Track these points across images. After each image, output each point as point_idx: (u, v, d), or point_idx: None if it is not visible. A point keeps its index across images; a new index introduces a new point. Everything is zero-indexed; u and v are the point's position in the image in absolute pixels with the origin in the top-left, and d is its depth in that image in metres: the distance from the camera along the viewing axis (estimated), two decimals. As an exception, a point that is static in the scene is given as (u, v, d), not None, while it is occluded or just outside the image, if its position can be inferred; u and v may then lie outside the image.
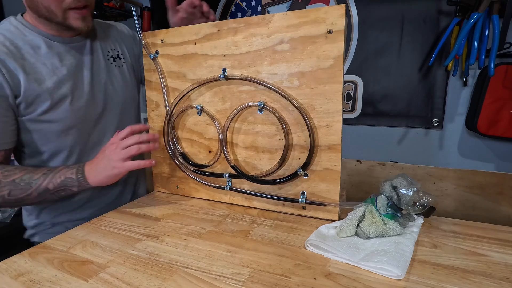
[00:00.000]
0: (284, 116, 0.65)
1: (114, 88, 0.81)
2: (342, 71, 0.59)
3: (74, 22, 0.68)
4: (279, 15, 0.62)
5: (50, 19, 0.68)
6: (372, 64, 1.43)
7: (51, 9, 0.65)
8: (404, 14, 1.34)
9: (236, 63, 0.68)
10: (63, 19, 0.67)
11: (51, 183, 0.65)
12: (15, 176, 0.64)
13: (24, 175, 0.65)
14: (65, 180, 0.65)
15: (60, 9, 0.66)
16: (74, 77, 0.73)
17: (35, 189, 0.64)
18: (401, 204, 0.57)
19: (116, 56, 0.84)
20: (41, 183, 0.65)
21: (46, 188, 0.65)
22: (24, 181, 0.64)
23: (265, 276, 0.46)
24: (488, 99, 1.20)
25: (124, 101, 0.84)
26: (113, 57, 0.83)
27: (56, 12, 0.66)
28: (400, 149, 1.44)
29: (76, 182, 0.66)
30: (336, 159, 0.62)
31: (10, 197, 0.64)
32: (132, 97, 0.87)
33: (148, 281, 0.45)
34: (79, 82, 0.74)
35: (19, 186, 0.64)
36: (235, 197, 0.75)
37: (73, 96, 0.72)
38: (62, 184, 0.65)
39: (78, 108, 0.73)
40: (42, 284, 0.45)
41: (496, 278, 0.44)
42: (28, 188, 0.64)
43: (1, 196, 0.64)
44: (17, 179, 0.64)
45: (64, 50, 0.73)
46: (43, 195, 0.65)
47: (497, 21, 1.04)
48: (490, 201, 0.84)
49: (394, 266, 0.45)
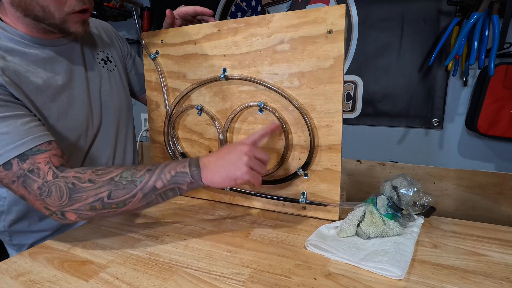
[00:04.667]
0: (284, 116, 0.65)
1: (109, 95, 0.74)
2: (342, 71, 0.59)
3: (73, 26, 0.61)
4: (279, 15, 0.62)
5: (43, 20, 0.58)
6: (372, 64, 1.43)
7: (49, 10, 0.57)
8: (404, 14, 1.34)
9: (236, 63, 0.68)
10: (61, 22, 0.59)
11: (159, 180, 0.53)
12: (112, 174, 0.53)
13: (124, 171, 0.53)
14: (177, 176, 0.53)
15: (60, 11, 0.58)
16: (69, 86, 0.65)
17: (140, 188, 0.52)
18: (402, 204, 0.57)
19: (107, 59, 0.76)
20: (147, 180, 0.52)
21: (154, 187, 0.52)
22: (126, 178, 0.52)
23: (266, 276, 0.46)
24: (488, 99, 1.20)
25: (120, 109, 0.77)
26: (104, 60, 0.75)
27: (54, 13, 0.57)
28: (400, 149, 1.44)
29: (189, 178, 0.53)
30: (336, 159, 0.62)
31: (110, 200, 0.52)
32: (127, 104, 0.82)
33: (148, 281, 0.45)
34: (74, 92, 0.66)
35: (120, 185, 0.52)
36: (235, 197, 0.75)
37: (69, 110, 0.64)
38: (173, 181, 0.53)
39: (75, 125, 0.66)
40: (42, 284, 0.45)
41: (497, 278, 0.44)
42: (133, 188, 0.52)
43: (99, 200, 0.51)
44: (116, 177, 0.52)
45: (53, 54, 0.64)
46: (148, 197, 0.53)
47: (497, 21, 1.04)
48: (490, 201, 0.84)
49: (394, 266, 0.45)
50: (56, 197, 0.51)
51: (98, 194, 0.51)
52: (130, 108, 0.83)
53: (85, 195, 0.51)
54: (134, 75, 0.87)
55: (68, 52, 0.67)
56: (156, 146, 0.84)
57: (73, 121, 0.65)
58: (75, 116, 0.66)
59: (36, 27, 0.60)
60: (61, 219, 0.53)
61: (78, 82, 0.68)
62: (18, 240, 0.72)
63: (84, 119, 0.68)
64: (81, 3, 0.59)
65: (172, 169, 0.54)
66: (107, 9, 1.73)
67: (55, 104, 0.62)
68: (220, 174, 0.54)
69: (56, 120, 0.62)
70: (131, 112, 0.84)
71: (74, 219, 0.53)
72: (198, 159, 0.55)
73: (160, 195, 0.54)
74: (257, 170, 0.55)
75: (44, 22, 0.59)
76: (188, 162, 0.55)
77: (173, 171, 0.53)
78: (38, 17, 0.58)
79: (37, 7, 0.56)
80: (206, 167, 0.54)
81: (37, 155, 0.52)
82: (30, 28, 0.60)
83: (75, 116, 0.66)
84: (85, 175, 0.52)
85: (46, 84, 0.61)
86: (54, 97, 0.62)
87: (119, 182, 0.52)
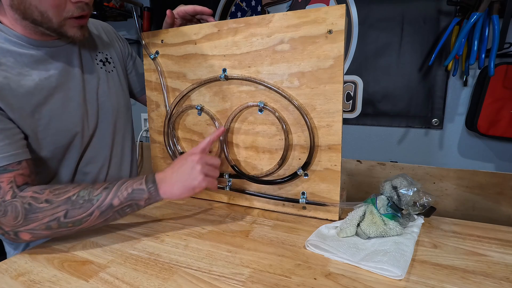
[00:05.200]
0: (284, 116, 0.65)
1: (107, 97, 0.73)
2: (342, 71, 0.59)
3: (71, 31, 0.60)
4: (279, 15, 0.62)
5: (41, 24, 0.58)
6: (372, 64, 1.43)
7: (48, 15, 0.56)
8: (404, 14, 1.34)
9: (236, 63, 0.68)
10: (58, 26, 0.58)
11: (116, 198, 0.54)
12: (69, 193, 0.53)
13: (81, 190, 0.54)
14: (133, 193, 0.55)
15: (59, 16, 0.57)
16: (63, 88, 0.65)
17: (97, 206, 0.53)
18: (401, 204, 0.57)
19: (105, 60, 0.76)
20: (104, 198, 0.54)
21: (111, 205, 0.54)
22: (82, 197, 0.53)
23: (265, 276, 0.46)
24: (488, 99, 1.20)
25: (117, 110, 0.76)
26: (102, 61, 0.75)
27: (52, 18, 0.57)
28: (400, 149, 1.44)
29: (146, 194, 0.55)
30: (336, 159, 0.62)
31: (66, 219, 0.52)
32: (126, 105, 0.81)
33: (148, 281, 0.45)
34: (69, 93, 0.66)
35: (77, 204, 0.53)
36: (235, 197, 0.75)
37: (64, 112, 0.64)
38: (130, 198, 0.55)
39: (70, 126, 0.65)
40: (42, 284, 0.45)
41: (497, 278, 0.44)
42: (89, 206, 0.53)
43: (56, 219, 0.52)
44: (73, 197, 0.53)
45: (49, 56, 0.64)
46: (105, 214, 0.54)
47: (497, 21, 1.04)
48: (490, 201, 0.84)
49: (394, 266, 0.45)
50: (11, 217, 0.52)
51: (55, 214, 0.52)
52: (128, 109, 0.82)
53: (41, 215, 0.52)
54: (134, 76, 0.86)
55: (64, 53, 0.66)
56: (156, 146, 0.84)
57: (67, 122, 0.65)
58: (69, 117, 0.65)
59: (34, 29, 0.60)
60: (14, 239, 0.54)
61: (73, 83, 0.67)
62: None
63: (79, 120, 0.67)
64: (80, 10, 0.58)
65: (129, 186, 0.55)
66: (107, 9, 1.73)
67: (48, 106, 0.62)
68: (177, 187, 0.56)
69: (49, 121, 0.62)
70: (130, 113, 0.84)
71: (28, 238, 0.53)
72: (154, 174, 0.58)
73: (118, 211, 0.55)
74: (211, 175, 0.59)
75: (42, 26, 0.58)
76: (144, 178, 0.57)
77: (130, 188, 0.55)
78: (36, 21, 0.58)
79: (36, 11, 0.56)
80: (163, 181, 0.56)
81: (3, 174, 0.53)
82: (28, 30, 0.60)
83: (70, 117, 0.65)
84: (43, 195, 0.53)
85: (39, 86, 0.61)
86: (46, 99, 0.62)
87: (76, 202, 0.53)
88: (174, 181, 0.57)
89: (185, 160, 0.58)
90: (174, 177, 0.57)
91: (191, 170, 0.57)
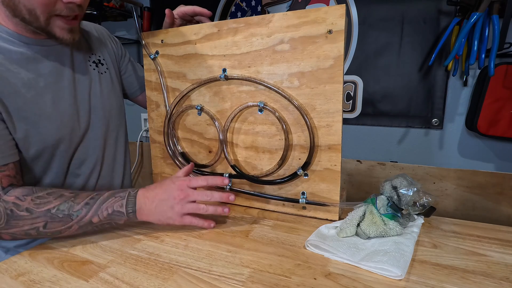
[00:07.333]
0: (284, 116, 0.65)
1: (99, 98, 0.73)
2: (342, 71, 0.59)
3: (59, 32, 0.59)
4: (279, 15, 0.62)
5: (30, 23, 0.57)
6: (372, 64, 1.43)
7: (35, 13, 0.55)
8: (404, 14, 1.34)
9: (236, 63, 0.68)
10: (45, 24, 0.57)
11: (96, 217, 0.56)
12: (50, 205, 0.54)
13: (62, 204, 0.55)
14: (113, 214, 0.57)
15: (46, 13, 0.56)
16: (53, 88, 0.64)
17: (76, 221, 0.55)
18: (401, 204, 0.57)
19: (98, 62, 0.75)
20: (83, 215, 0.55)
21: (90, 222, 0.56)
22: (62, 212, 0.54)
23: (265, 276, 0.46)
24: (488, 99, 1.20)
25: (110, 112, 0.76)
26: (95, 63, 0.74)
27: (39, 16, 0.56)
28: (400, 149, 1.44)
29: (125, 217, 0.57)
30: (336, 159, 0.62)
31: (45, 230, 0.54)
32: (119, 107, 0.80)
33: (148, 281, 0.45)
34: (60, 93, 0.65)
35: (56, 218, 0.54)
36: (236, 197, 0.75)
37: (53, 112, 0.63)
38: (109, 218, 0.57)
39: (59, 126, 0.64)
40: (42, 284, 0.45)
41: (496, 278, 0.44)
42: (69, 221, 0.55)
43: (34, 229, 0.53)
44: (53, 209, 0.54)
45: (40, 55, 0.63)
46: (84, 228, 0.56)
47: (497, 21, 1.04)
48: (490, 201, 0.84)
49: (394, 266, 0.45)
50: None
51: (34, 224, 0.54)
52: (122, 111, 0.82)
53: (21, 223, 0.53)
54: (128, 77, 0.86)
55: (56, 53, 0.66)
56: (156, 146, 0.84)
57: (56, 122, 0.64)
58: (59, 117, 0.65)
59: (25, 27, 0.60)
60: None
61: (64, 83, 0.66)
62: (4, 243, 0.71)
63: (69, 120, 0.66)
64: (70, 10, 0.58)
65: (110, 206, 0.57)
66: (107, 9, 1.73)
67: (37, 105, 0.61)
68: (153, 219, 0.58)
69: (38, 121, 0.61)
70: (123, 114, 0.83)
71: (8, 239, 0.56)
72: (136, 197, 0.58)
73: (97, 226, 0.58)
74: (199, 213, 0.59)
75: (31, 24, 0.58)
76: (126, 200, 0.58)
77: (110, 209, 0.57)
78: (25, 19, 0.57)
79: (24, 9, 0.55)
80: (142, 209, 0.58)
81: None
82: (19, 27, 0.60)
83: (59, 117, 0.65)
84: (24, 203, 0.54)
85: (27, 85, 0.60)
86: (34, 98, 0.61)
87: (55, 215, 0.54)
88: (152, 212, 0.58)
89: (167, 193, 0.59)
90: (153, 209, 0.58)
91: (168, 209, 0.58)
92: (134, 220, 0.59)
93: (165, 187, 0.60)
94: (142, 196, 0.58)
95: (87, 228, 0.57)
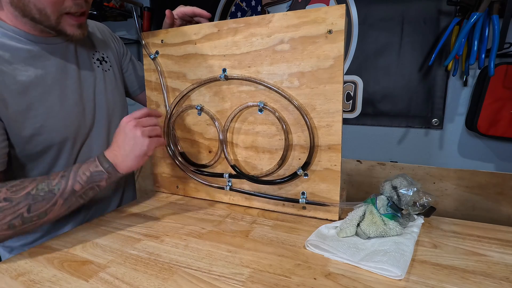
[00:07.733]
0: (284, 116, 0.65)
1: (103, 95, 0.74)
2: (342, 71, 0.59)
3: (69, 29, 0.61)
4: (279, 15, 0.62)
5: (40, 22, 0.58)
6: (372, 64, 1.43)
7: (46, 12, 0.57)
8: (404, 14, 1.34)
9: (236, 63, 0.68)
10: (56, 23, 0.59)
11: (77, 183, 0.55)
12: (27, 189, 0.52)
13: (39, 183, 0.53)
14: (92, 175, 0.56)
15: (56, 12, 0.58)
16: (60, 85, 0.65)
17: (60, 195, 0.54)
18: (401, 204, 0.57)
19: (102, 59, 0.76)
20: (64, 186, 0.54)
21: (73, 190, 0.55)
22: (42, 190, 0.53)
23: (265, 276, 0.46)
24: (488, 99, 1.20)
25: (113, 109, 0.77)
26: (99, 60, 0.75)
27: (50, 16, 0.57)
28: (400, 149, 1.44)
29: (105, 174, 0.57)
30: (336, 159, 0.62)
31: (30, 214, 0.52)
32: (122, 105, 0.81)
33: (148, 281, 0.45)
34: (66, 91, 0.66)
35: (38, 197, 0.52)
36: (235, 197, 0.75)
37: (60, 110, 0.64)
38: (90, 181, 0.56)
39: (66, 124, 0.65)
40: (42, 284, 0.45)
41: (496, 278, 0.44)
42: (52, 197, 0.53)
43: (19, 216, 0.51)
44: (32, 191, 0.52)
45: (46, 52, 0.64)
46: (69, 202, 0.55)
47: (497, 21, 1.04)
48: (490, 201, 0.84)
49: (394, 266, 0.45)
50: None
51: (17, 211, 0.51)
52: (124, 108, 0.83)
53: (1, 215, 0.50)
54: (130, 76, 0.87)
55: (61, 50, 0.66)
56: (156, 146, 0.84)
57: (63, 120, 0.65)
58: (66, 114, 0.65)
59: (34, 26, 0.60)
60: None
61: (70, 81, 0.67)
62: (9, 243, 0.71)
63: (75, 118, 0.67)
64: (78, 7, 0.59)
65: (86, 170, 0.56)
66: (107, 9, 1.73)
67: (45, 103, 0.62)
68: (130, 158, 0.58)
69: (45, 118, 0.62)
70: (126, 112, 0.83)
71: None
72: (104, 155, 0.59)
73: (80, 196, 0.56)
74: (154, 134, 0.61)
75: (42, 24, 0.59)
76: (97, 160, 0.58)
77: (87, 172, 0.56)
78: (35, 19, 0.58)
79: (34, 9, 0.57)
80: (116, 158, 0.58)
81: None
82: (28, 26, 0.60)
83: (66, 114, 0.66)
84: (0, 194, 0.51)
85: (34, 82, 0.61)
86: (42, 96, 0.62)
87: (37, 195, 0.52)
88: (125, 154, 0.58)
89: (124, 133, 0.59)
90: (123, 152, 0.58)
91: (134, 139, 0.58)
92: (116, 175, 0.59)
93: (118, 132, 0.61)
94: (109, 152, 0.59)
95: (72, 201, 0.55)
